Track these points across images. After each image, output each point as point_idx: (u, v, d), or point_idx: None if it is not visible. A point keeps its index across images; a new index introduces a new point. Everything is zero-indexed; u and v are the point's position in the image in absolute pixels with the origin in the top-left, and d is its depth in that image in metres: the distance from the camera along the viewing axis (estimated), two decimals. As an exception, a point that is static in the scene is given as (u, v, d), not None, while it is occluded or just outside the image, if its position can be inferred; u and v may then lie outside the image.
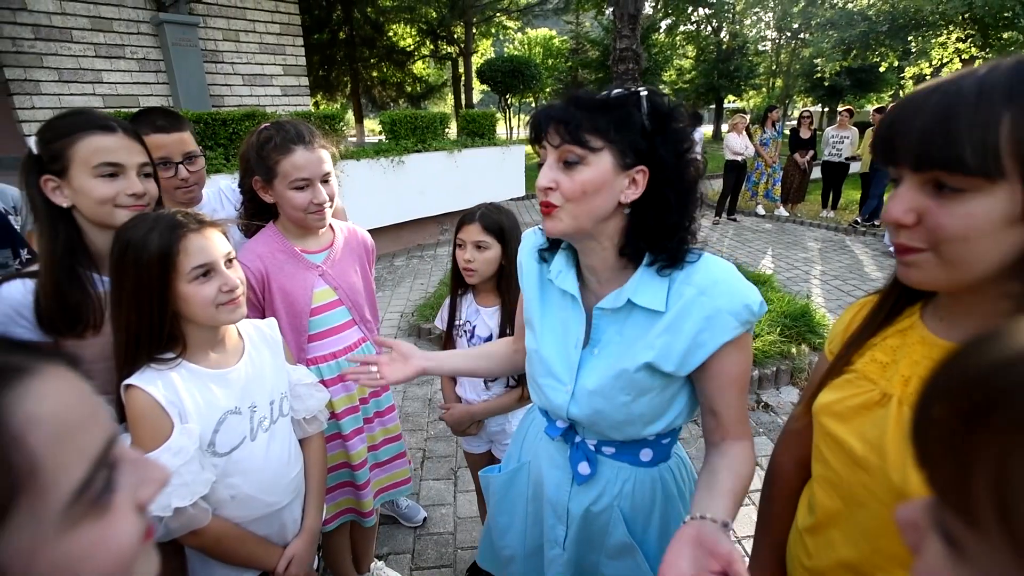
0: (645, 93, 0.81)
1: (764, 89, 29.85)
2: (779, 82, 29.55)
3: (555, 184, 0.82)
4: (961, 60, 8.16)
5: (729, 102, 29.18)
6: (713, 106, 27.69)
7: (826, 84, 21.52)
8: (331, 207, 1.41)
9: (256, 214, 1.45)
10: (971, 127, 0.53)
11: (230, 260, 1.05)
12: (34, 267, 1.10)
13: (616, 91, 0.82)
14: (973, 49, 7.93)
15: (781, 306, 3.96)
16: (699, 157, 0.86)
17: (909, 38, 8.40)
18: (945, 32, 7.95)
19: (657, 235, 0.85)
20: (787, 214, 8.48)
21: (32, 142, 1.05)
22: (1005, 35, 7.53)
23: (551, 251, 1.00)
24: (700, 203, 0.88)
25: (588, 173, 0.81)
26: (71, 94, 5.79)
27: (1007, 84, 0.53)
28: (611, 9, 4.08)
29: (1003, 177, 0.53)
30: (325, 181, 1.37)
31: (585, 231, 0.86)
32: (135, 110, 5.64)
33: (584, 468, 0.97)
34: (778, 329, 3.65)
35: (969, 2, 6.82)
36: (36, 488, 0.31)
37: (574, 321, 0.95)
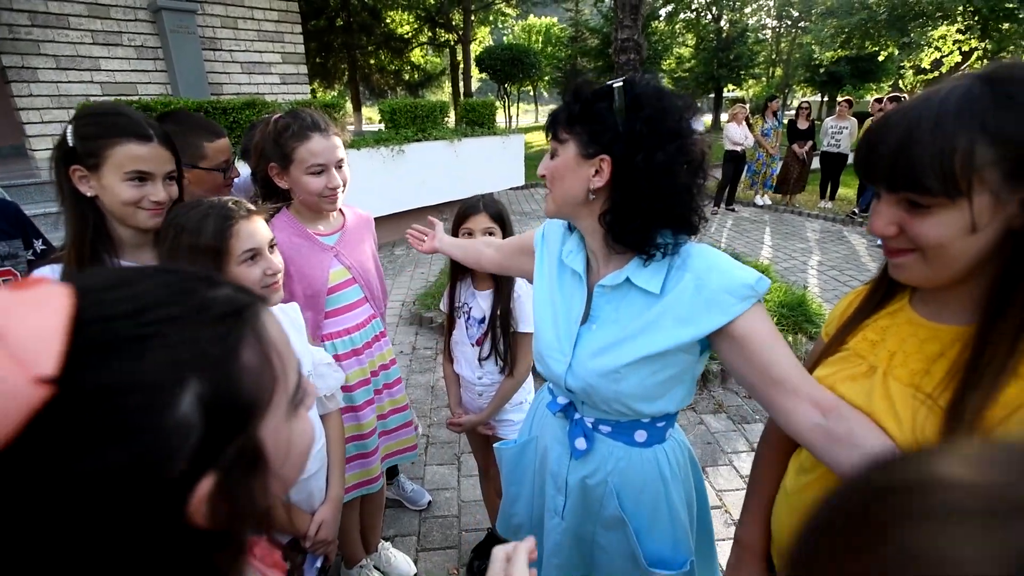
0: (620, 84, 0.85)
1: (764, 78, 29.72)
2: (779, 71, 29.42)
3: (545, 170, 0.96)
4: (961, 52, 8.17)
5: (728, 91, 29.04)
6: (712, 95, 27.57)
7: (822, 71, 21.45)
8: (344, 192, 1.47)
9: (268, 200, 1.51)
10: (930, 156, 0.60)
11: (272, 246, 1.13)
12: (62, 252, 1.15)
13: (594, 84, 0.90)
14: (972, 41, 7.93)
15: (779, 296, 4.01)
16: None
17: (908, 28, 8.41)
18: (944, 24, 7.95)
19: (628, 221, 0.87)
20: (770, 202, 8.61)
21: (68, 132, 1.09)
22: (1004, 26, 7.53)
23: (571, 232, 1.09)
24: (682, 190, 0.86)
25: (557, 161, 0.93)
26: (69, 81, 5.76)
27: (957, 111, 0.60)
28: (612, -2, 4.09)
29: (963, 196, 0.60)
30: (339, 167, 1.43)
31: (564, 213, 0.98)
32: (133, 98, 5.60)
33: (581, 443, 1.03)
34: (775, 319, 3.70)
35: (967, -6, 6.84)
36: (281, 386, 0.42)
37: (577, 297, 1.02)
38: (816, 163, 8.71)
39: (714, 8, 24.81)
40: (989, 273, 0.64)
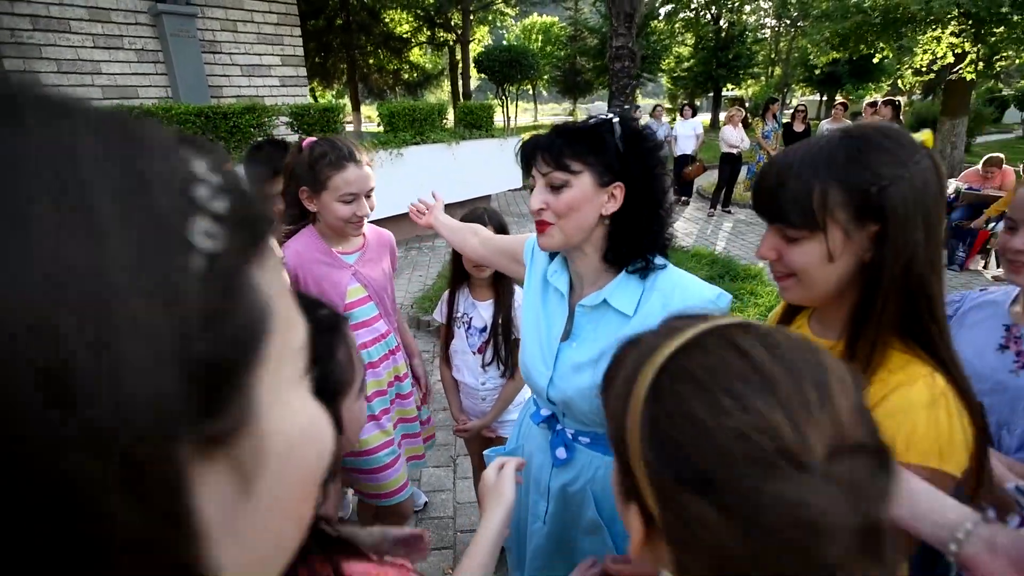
0: (617, 119, 0.95)
1: (763, 78, 29.76)
2: (778, 71, 29.45)
3: (546, 205, 0.97)
4: (955, 55, 8.23)
5: (728, 90, 29.07)
6: (711, 95, 27.62)
7: (818, 72, 21.51)
8: (368, 219, 1.54)
9: (286, 219, 1.59)
10: (795, 196, 0.75)
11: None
12: None
13: (593, 119, 0.96)
14: (966, 44, 7.99)
15: (769, 300, 4.08)
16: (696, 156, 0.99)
17: (901, 32, 8.47)
18: (938, 28, 8.02)
19: (635, 240, 0.98)
20: None
21: None
22: (998, 30, 7.59)
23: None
24: (670, 212, 1.02)
25: (572, 193, 0.95)
26: (71, 85, 5.81)
27: (817, 160, 0.74)
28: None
29: (820, 230, 0.74)
30: (368, 195, 1.50)
31: (574, 244, 1.00)
32: (134, 101, 5.61)
33: (561, 453, 1.11)
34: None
35: (956, 0, 6.90)
36: (357, 377, 0.66)
37: (559, 315, 1.09)
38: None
39: (713, 8, 24.83)
40: (852, 297, 0.78)
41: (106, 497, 0.16)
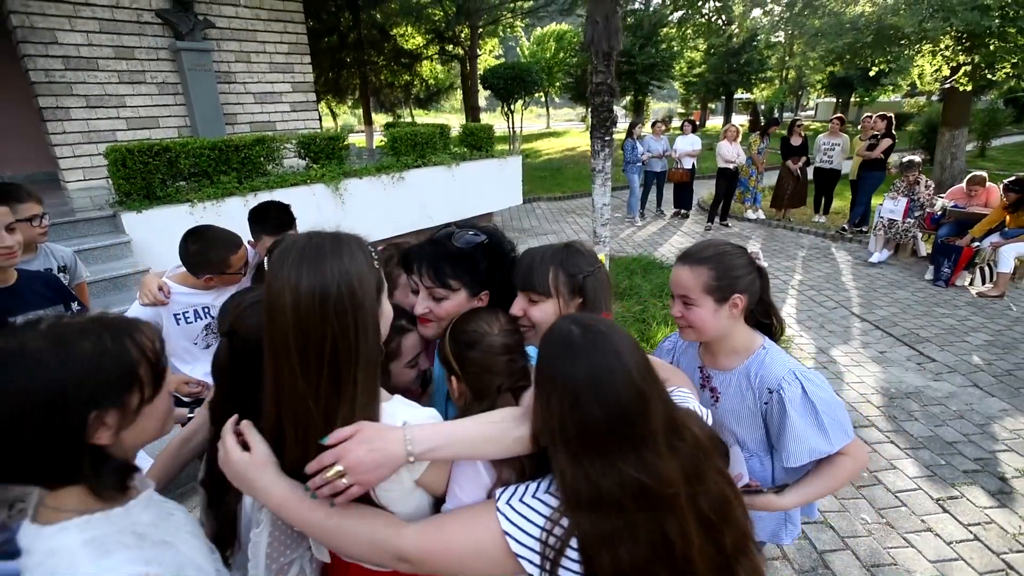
0: (487, 241, 1.22)
1: (776, 81, 29.54)
2: (792, 74, 29.20)
3: (429, 310, 1.22)
4: (951, 68, 8.27)
5: (740, 94, 28.95)
6: (724, 99, 27.56)
7: (821, 79, 21.32)
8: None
9: None
10: (539, 274, 1.18)
11: None
12: None
13: (467, 240, 1.21)
14: (961, 56, 8.03)
15: (743, 321, 4.28)
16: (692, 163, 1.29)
17: (898, 47, 8.53)
18: (931, 44, 8.08)
19: None
20: (763, 216, 8.85)
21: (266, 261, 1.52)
22: (993, 43, 7.61)
23: None
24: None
25: (450, 303, 1.21)
26: (97, 118, 6.27)
27: (552, 256, 1.20)
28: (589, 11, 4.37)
29: (552, 297, 1.18)
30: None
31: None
32: (156, 132, 6.03)
33: None
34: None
35: (949, 21, 6.96)
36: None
37: (444, 382, 1.32)
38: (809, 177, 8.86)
39: (723, 15, 24.82)
40: None
41: None
